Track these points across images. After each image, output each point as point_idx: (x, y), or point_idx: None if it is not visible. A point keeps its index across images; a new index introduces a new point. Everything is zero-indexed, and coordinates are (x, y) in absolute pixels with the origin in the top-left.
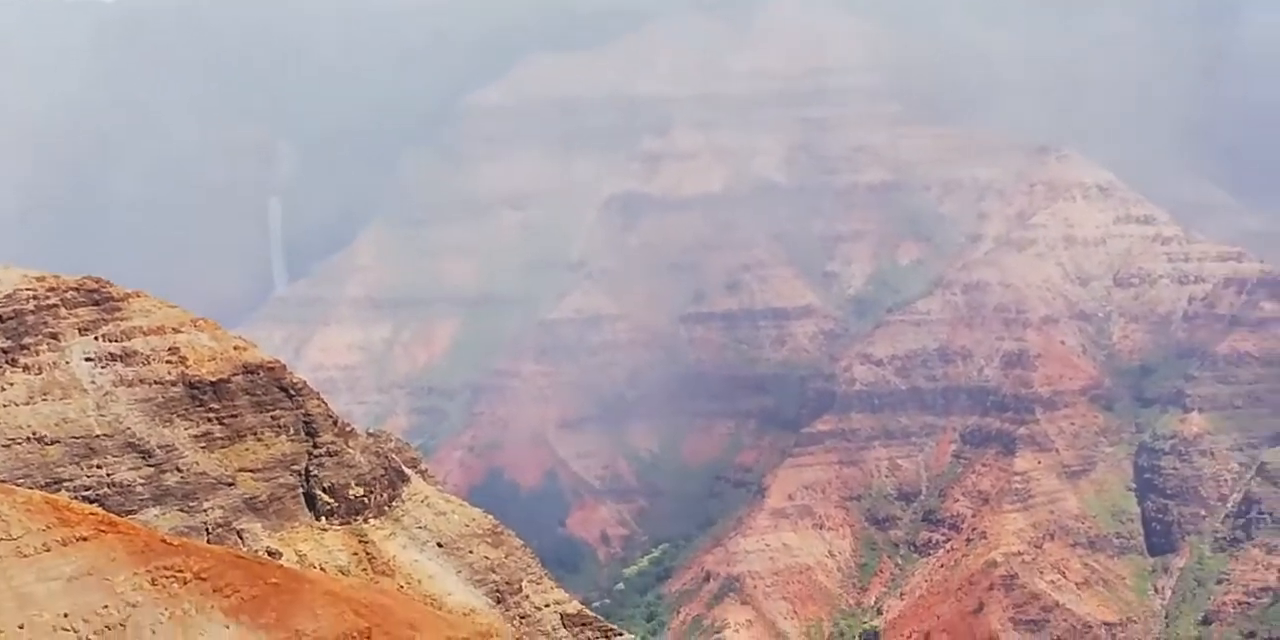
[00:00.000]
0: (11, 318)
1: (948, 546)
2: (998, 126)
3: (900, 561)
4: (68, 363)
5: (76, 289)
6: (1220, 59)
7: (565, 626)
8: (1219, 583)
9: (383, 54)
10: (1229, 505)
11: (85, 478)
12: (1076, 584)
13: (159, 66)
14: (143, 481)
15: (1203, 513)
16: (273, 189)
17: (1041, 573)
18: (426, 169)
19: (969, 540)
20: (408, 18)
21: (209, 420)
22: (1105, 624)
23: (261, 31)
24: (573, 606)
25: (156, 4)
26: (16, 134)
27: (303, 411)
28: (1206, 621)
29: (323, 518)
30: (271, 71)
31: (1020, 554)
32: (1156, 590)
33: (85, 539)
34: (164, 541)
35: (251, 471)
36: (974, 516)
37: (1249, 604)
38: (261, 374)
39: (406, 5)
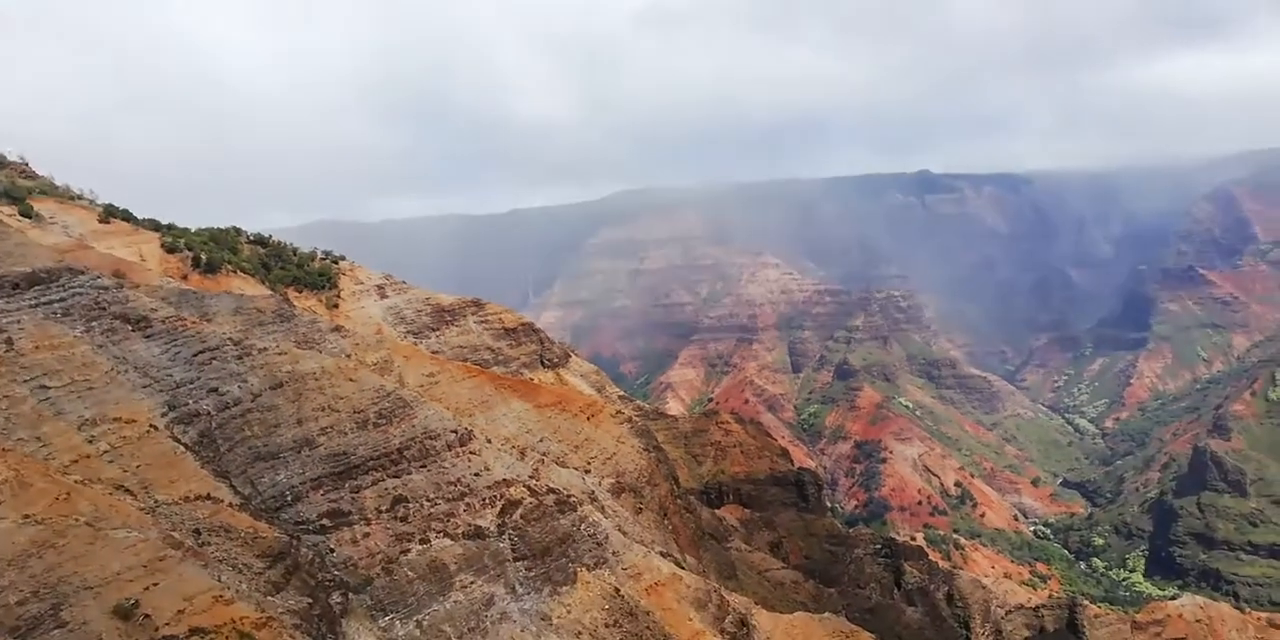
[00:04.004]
0: (449, 311)
1: (732, 372)
2: None
3: (718, 379)
4: (471, 325)
5: (467, 302)
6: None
7: (620, 400)
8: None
9: (550, 230)
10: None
11: (474, 358)
12: (771, 382)
13: (493, 249)
14: (494, 361)
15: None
16: (530, 270)
17: (762, 379)
18: (570, 266)
19: (736, 369)
20: (558, 217)
21: (510, 342)
22: (780, 394)
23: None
24: (619, 394)
25: (490, 214)
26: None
27: (539, 336)
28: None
29: (548, 368)
30: (523, 234)
31: (755, 373)
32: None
33: (474, 376)
34: (498, 377)
35: (524, 355)
36: (740, 361)
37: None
38: (526, 326)
39: (559, 215)
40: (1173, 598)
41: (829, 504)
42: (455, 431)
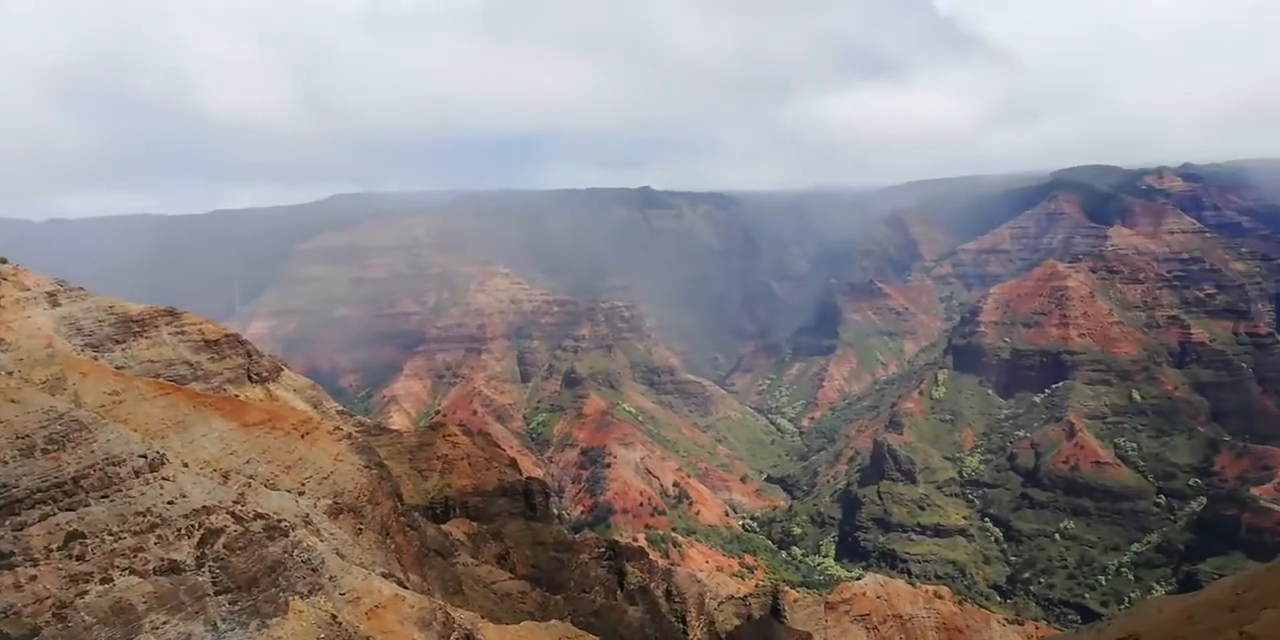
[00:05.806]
0: (138, 321)
1: (460, 383)
2: None
3: (446, 390)
4: (165, 337)
5: (160, 311)
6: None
7: (340, 415)
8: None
9: (259, 234)
10: (560, 375)
11: (168, 374)
12: (500, 393)
13: (191, 254)
14: (192, 376)
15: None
16: (236, 277)
17: (491, 389)
18: (282, 272)
19: (465, 380)
20: (268, 220)
21: (211, 356)
22: (509, 404)
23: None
24: (338, 409)
25: (188, 215)
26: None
27: (246, 348)
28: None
29: (256, 383)
30: (227, 237)
31: (484, 384)
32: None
33: (167, 394)
34: (197, 394)
35: (228, 369)
36: (469, 372)
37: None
38: (230, 338)
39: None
40: (858, 578)
41: (557, 511)
42: (144, 456)
